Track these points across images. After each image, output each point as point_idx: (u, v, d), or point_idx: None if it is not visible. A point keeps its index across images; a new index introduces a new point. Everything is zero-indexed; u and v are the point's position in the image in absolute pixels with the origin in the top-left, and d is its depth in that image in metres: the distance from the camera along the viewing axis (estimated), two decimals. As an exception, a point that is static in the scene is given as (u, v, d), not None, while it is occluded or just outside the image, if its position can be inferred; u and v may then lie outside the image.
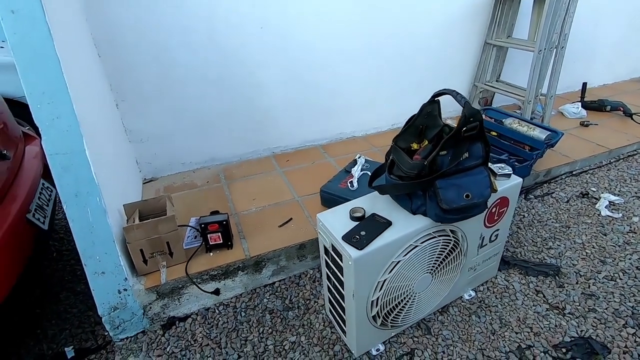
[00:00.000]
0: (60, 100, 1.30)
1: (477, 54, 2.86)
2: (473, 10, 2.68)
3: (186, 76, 2.13)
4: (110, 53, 1.94)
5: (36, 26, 1.23)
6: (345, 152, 2.57)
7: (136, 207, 1.57)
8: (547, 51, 2.43)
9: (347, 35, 2.38)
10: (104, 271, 1.44)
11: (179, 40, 2.03)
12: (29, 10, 1.23)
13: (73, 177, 1.34)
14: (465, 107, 1.06)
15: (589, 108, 3.10)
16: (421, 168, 1.13)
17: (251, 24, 2.13)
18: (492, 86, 2.88)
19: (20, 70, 1.26)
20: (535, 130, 2.21)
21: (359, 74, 2.56)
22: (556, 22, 2.34)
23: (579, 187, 2.29)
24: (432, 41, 2.66)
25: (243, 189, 2.18)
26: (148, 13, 1.92)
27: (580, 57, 3.38)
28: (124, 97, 2.05)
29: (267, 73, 2.30)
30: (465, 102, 1.06)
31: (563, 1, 2.28)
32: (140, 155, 2.24)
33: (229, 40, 2.12)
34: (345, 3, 2.28)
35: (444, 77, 2.87)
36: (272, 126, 2.49)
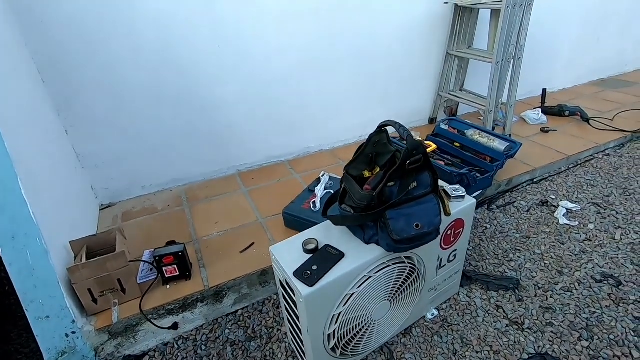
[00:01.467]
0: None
1: (440, 64, 2.89)
2: (433, 21, 2.71)
3: (140, 97, 2.05)
4: (56, 78, 1.84)
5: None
6: (312, 167, 2.54)
7: (84, 243, 1.49)
8: (505, 62, 2.48)
9: (307, 48, 2.36)
10: (48, 315, 1.36)
11: (130, 61, 1.95)
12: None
13: (8, 218, 1.26)
14: (408, 140, 1.05)
15: (549, 113, 3.19)
16: (370, 199, 1.12)
17: (207, 42, 2.08)
18: (455, 96, 2.92)
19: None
20: (495, 142, 2.25)
21: (321, 86, 2.54)
22: (511, 34, 2.39)
23: (539, 195, 2.34)
24: (394, 51, 2.67)
25: (206, 212, 2.12)
26: (95, 33, 1.84)
27: (541, 62, 3.49)
28: (73, 122, 1.96)
29: (227, 90, 2.25)
30: (407, 135, 1.06)
31: (517, 15, 2.33)
32: (96, 181, 2.15)
33: (184, 59, 2.06)
34: (304, 17, 2.26)
35: (408, 87, 2.89)
36: (235, 143, 2.44)
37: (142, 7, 1.86)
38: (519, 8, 2.33)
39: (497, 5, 2.34)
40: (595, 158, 2.69)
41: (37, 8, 1.70)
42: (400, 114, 2.98)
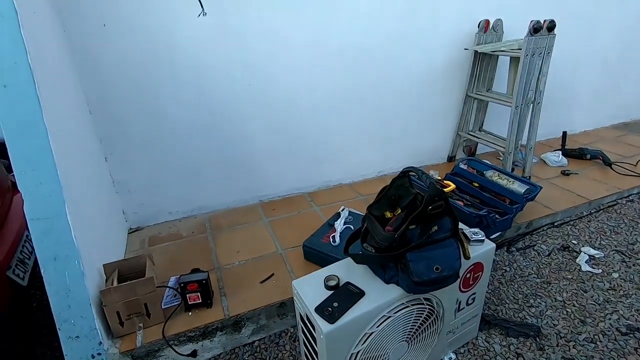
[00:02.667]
0: (45, 166, 1.34)
1: (459, 105, 2.97)
2: (453, 65, 2.82)
3: (175, 129, 2.20)
4: (102, 109, 2.01)
5: (27, 100, 1.29)
6: (332, 200, 2.61)
7: (115, 267, 1.57)
8: (524, 106, 2.54)
9: (331, 87, 2.49)
10: (78, 335, 1.42)
11: (169, 96, 2.11)
12: (21, 85, 1.30)
13: (53, 241, 1.36)
14: (430, 186, 1.10)
15: (569, 156, 3.19)
16: (392, 240, 1.16)
17: (239, 80, 2.23)
18: (475, 136, 2.98)
19: (8, 141, 1.31)
20: (514, 184, 2.27)
21: (343, 123, 2.64)
22: (531, 80, 2.46)
23: (560, 239, 2.32)
24: (414, 91, 2.78)
25: (228, 240, 2.19)
26: (141, 71, 2.01)
27: (561, 105, 3.53)
28: (113, 150, 2.11)
29: (255, 124, 2.38)
30: (430, 182, 1.11)
31: (536, 62, 2.41)
32: (127, 206, 2.27)
33: (218, 96, 2.21)
34: (330, 59, 2.40)
35: (427, 126, 2.97)
36: (259, 175, 2.54)
37: (183, 50, 2.03)
38: (538, 56, 2.41)
39: (517, 53, 2.44)
40: (619, 204, 2.66)
41: (92, 48, 1.89)
42: (419, 151, 3.05)
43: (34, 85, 1.31)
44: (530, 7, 2.85)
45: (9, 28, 1.27)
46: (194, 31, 2.01)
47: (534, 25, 2.28)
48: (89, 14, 1.82)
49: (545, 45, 2.39)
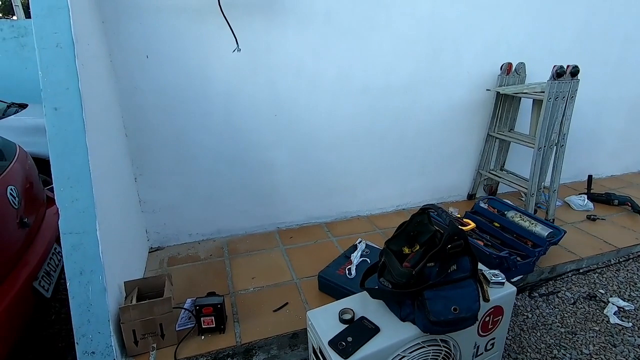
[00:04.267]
0: (82, 184, 1.43)
1: (481, 143, 2.98)
2: (476, 104, 2.86)
3: (201, 154, 2.29)
4: (137, 133, 2.13)
5: (74, 122, 1.41)
6: (349, 231, 2.61)
7: (136, 285, 1.61)
8: (547, 149, 2.52)
9: (353, 122, 2.56)
10: (94, 351, 1.45)
11: (199, 123, 2.22)
12: (70, 108, 1.41)
13: (81, 255, 1.42)
14: (450, 225, 1.11)
15: (596, 200, 3.11)
16: (410, 277, 1.16)
17: (266, 111, 2.33)
18: (496, 175, 2.96)
19: (52, 158, 1.42)
20: (537, 227, 2.23)
21: (364, 156, 2.69)
22: (554, 123, 2.46)
23: (586, 287, 2.22)
24: (435, 129, 2.81)
25: (244, 266, 2.21)
26: (175, 99, 2.14)
27: (586, 148, 3.47)
28: (143, 171, 2.21)
29: (278, 153, 2.46)
30: (449, 220, 1.12)
31: (559, 106, 2.42)
32: (151, 225, 2.34)
33: (244, 125, 2.31)
34: (354, 95, 2.48)
35: (448, 163, 2.98)
36: (278, 202, 2.59)
37: (214, 81, 2.16)
38: (562, 100, 2.42)
39: (539, 96, 2.46)
40: (650, 253, 2.54)
41: (134, 76, 2.04)
42: (439, 187, 3.04)
43: (81, 110, 1.42)
44: (553, 52, 2.90)
45: (66, 58, 1.41)
46: (226, 65, 2.14)
47: (557, 70, 2.31)
48: (134, 46, 1.98)
49: (568, 90, 2.41)
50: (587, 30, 2.98)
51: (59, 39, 1.40)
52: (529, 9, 2.72)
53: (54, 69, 1.40)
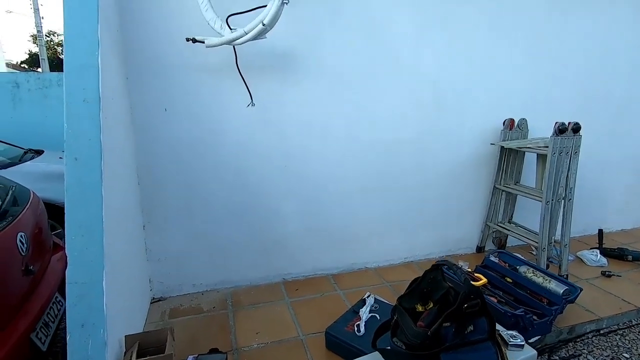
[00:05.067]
0: (94, 233, 1.43)
1: (488, 196, 2.99)
2: (481, 157, 2.92)
3: (211, 203, 2.32)
4: (149, 181, 2.18)
5: (92, 173, 1.45)
6: (356, 284, 2.54)
7: (137, 340, 1.55)
8: (555, 202, 2.52)
9: (361, 174, 2.60)
10: (87, 413, 1.36)
11: (210, 174, 2.27)
12: (90, 159, 1.46)
13: (85, 306, 1.39)
14: (465, 283, 1.09)
15: (608, 255, 3.03)
16: (425, 338, 1.11)
17: (276, 163, 2.38)
18: (504, 227, 2.93)
19: (68, 206, 1.44)
20: (551, 283, 2.16)
21: (371, 208, 2.69)
22: (560, 178, 2.49)
23: (609, 350, 2.09)
24: (442, 182, 2.84)
25: (248, 319, 2.13)
26: (188, 150, 2.21)
27: (594, 201, 3.45)
28: (151, 219, 2.22)
29: (286, 203, 2.47)
30: (464, 278, 1.10)
31: (563, 160, 2.46)
32: (155, 275, 2.30)
33: (254, 176, 2.36)
34: (361, 148, 2.55)
35: (455, 215, 2.97)
36: (285, 252, 2.55)
37: (227, 133, 2.24)
38: (565, 155, 2.47)
39: (543, 150, 2.51)
40: (672, 314, 2.42)
41: (151, 127, 2.12)
42: (447, 240, 3.00)
43: (100, 161, 1.47)
44: (553, 108, 3.01)
45: (91, 112, 1.49)
46: (240, 118, 2.24)
47: (559, 127, 2.38)
48: (154, 100, 2.09)
49: (571, 145, 2.46)
50: (585, 88, 3.12)
51: (86, 94, 1.49)
52: (527, 69, 2.87)
53: (79, 121, 1.47)
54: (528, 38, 2.82)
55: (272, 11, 1.77)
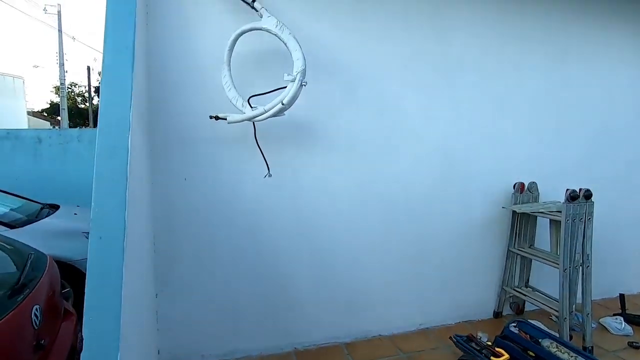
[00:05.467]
0: (111, 314, 1.42)
1: (502, 258, 2.95)
2: (492, 219, 2.92)
3: (224, 268, 2.31)
4: (165, 249, 2.20)
5: (115, 252, 1.47)
6: (371, 355, 2.44)
7: None
8: (573, 269, 2.48)
9: (372, 236, 2.59)
10: None
11: (224, 239, 2.30)
12: (114, 238, 1.50)
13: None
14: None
15: (633, 323, 2.90)
16: None
17: (289, 226, 2.41)
18: (521, 292, 2.85)
19: (88, 287, 1.45)
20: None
21: (384, 270, 2.66)
22: (575, 244, 2.46)
23: None
24: (454, 243, 2.82)
25: (258, 397, 2.03)
26: (204, 218, 2.25)
27: (611, 264, 3.36)
28: (165, 287, 2.21)
29: (298, 266, 2.46)
30: None
31: (578, 226, 2.45)
32: (164, 345, 2.24)
33: (267, 239, 2.37)
34: (372, 211, 2.58)
35: (469, 279, 2.91)
36: (297, 319, 2.49)
37: (242, 200, 2.29)
38: (579, 221, 2.47)
39: (557, 216, 2.52)
40: None
41: (170, 196, 2.19)
42: (462, 304, 2.92)
43: (123, 240, 1.51)
44: (562, 170, 3.06)
45: (118, 190, 1.55)
46: (255, 185, 2.30)
47: (571, 194, 2.40)
48: (175, 170, 2.18)
49: (585, 212, 2.47)
50: (592, 148, 3.18)
51: (115, 175, 1.56)
52: (534, 135, 2.96)
53: (106, 200, 1.53)
54: (532, 108, 2.94)
55: (291, 92, 1.89)
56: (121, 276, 1.48)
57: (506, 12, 2.78)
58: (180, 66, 2.12)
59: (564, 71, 3.02)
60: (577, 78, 3.08)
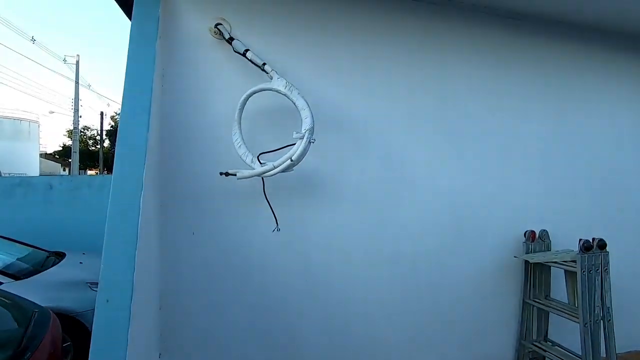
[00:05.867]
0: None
1: (518, 311, 2.83)
2: (505, 270, 2.83)
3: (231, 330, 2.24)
4: (170, 308, 2.15)
5: (121, 312, 1.45)
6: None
7: None
8: (594, 323, 2.37)
9: (384, 294, 2.52)
10: None
11: (232, 298, 2.25)
12: (121, 301, 1.48)
13: None
14: None
15: (664, 381, 2.71)
16: None
17: (299, 283, 2.36)
18: (541, 347, 2.71)
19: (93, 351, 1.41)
20: None
21: (398, 328, 2.55)
22: (594, 296, 2.37)
23: None
24: (468, 296, 2.71)
25: None
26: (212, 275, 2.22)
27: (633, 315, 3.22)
28: (169, 346, 2.14)
29: (309, 325, 2.37)
30: None
31: (594, 278, 2.38)
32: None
33: (276, 297, 2.32)
34: (382, 266, 2.53)
35: (486, 334, 2.77)
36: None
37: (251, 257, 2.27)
38: (596, 272, 2.39)
39: (572, 267, 2.45)
40: None
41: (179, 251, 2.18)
42: None
43: (130, 302, 1.49)
44: (573, 218, 3.00)
45: (128, 253, 1.56)
46: (263, 241, 2.28)
47: (584, 245, 2.36)
48: (184, 224, 2.18)
49: (600, 263, 2.40)
50: (602, 195, 3.13)
51: (126, 236, 1.58)
52: (542, 183, 2.94)
53: (115, 264, 1.53)
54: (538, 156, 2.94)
55: (300, 149, 1.94)
56: (126, 340, 1.45)
57: (504, 65, 2.88)
58: (192, 124, 2.20)
59: (566, 117, 3.06)
60: (579, 123, 3.11)
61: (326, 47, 2.45)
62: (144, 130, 1.78)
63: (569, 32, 3.00)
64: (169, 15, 2.19)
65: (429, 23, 2.66)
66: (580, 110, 3.12)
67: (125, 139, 1.75)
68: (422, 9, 2.61)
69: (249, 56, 2.14)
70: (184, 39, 2.21)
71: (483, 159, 2.80)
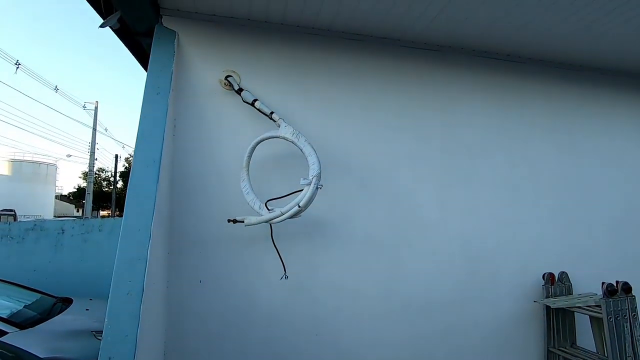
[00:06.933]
0: None
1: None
2: (525, 316, 2.69)
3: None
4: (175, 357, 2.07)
5: (127, 343, 1.39)
6: None
7: None
8: (627, 377, 2.19)
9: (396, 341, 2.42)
10: None
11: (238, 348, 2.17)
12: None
13: None
14: None
15: None
16: None
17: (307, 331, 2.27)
18: (571, 402, 2.49)
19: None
20: None
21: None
22: (624, 345, 2.21)
23: None
24: (486, 346, 2.58)
25: None
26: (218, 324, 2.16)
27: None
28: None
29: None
30: None
31: (622, 325, 2.23)
32: None
33: (284, 347, 2.22)
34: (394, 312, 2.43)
35: (510, 386, 2.59)
36: None
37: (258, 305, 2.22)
38: (623, 318, 2.25)
39: (597, 313, 2.31)
40: None
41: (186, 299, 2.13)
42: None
43: (136, 330, 1.44)
44: (592, 257, 2.89)
45: (133, 306, 1.53)
46: (271, 288, 2.24)
47: (608, 288, 2.24)
48: (190, 273, 2.16)
49: (627, 308, 2.27)
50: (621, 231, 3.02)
51: (132, 287, 1.55)
52: (558, 222, 2.87)
53: (119, 317, 1.49)
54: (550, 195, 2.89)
55: (307, 195, 1.94)
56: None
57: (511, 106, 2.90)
58: (202, 172, 2.24)
59: (575, 154, 3.03)
60: (589, 159, 3.07)
61: (333, 93, 2.52)
62: (154, 182, 1.81)
63: (575, 72, 3.05)
64: (182, 68, 2.30)
65: (435, 68, 2.74)
66: (591, 150, 3.09)
67: (134, 189, 1.78)
68: (428, 55, 2.71)
69: (257, 106, 2.21)
70: (195, 91, 2.31)
71: (495, 200, 2.75)
